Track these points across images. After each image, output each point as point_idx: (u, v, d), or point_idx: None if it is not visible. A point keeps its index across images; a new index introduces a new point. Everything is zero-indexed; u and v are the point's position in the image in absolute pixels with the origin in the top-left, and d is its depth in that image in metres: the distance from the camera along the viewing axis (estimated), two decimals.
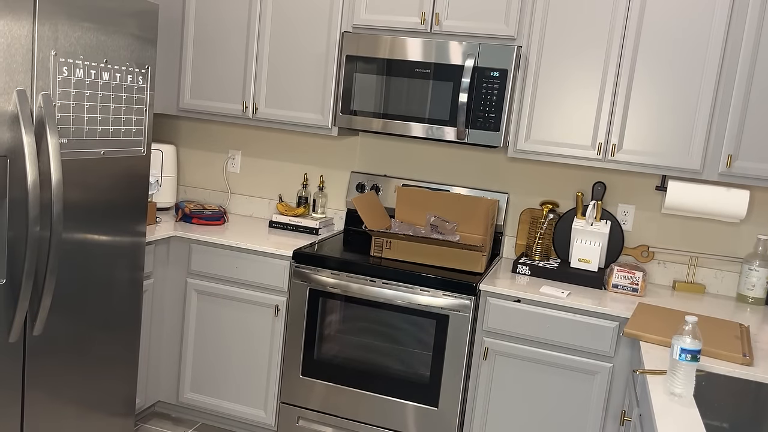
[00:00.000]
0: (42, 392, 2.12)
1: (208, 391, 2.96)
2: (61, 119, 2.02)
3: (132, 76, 2.27)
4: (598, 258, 2.74)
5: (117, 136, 2.25)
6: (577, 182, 2.94)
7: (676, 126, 2.50)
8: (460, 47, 2.60)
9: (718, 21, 2.41)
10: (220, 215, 3.14)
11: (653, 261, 2.87)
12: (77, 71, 2.05)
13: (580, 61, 2.57)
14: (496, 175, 3.04)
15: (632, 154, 2.56)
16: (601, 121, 2.58)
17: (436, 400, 2.58)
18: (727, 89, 2.44)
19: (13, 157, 1.88)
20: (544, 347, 2.47)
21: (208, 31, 3.03)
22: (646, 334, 2.07)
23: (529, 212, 2.98)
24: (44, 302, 2.01)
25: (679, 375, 1.62)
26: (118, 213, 2.32)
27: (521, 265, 2.74)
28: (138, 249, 2.45)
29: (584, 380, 2.44)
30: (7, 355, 1.97)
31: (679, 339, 1.61)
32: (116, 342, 2.42)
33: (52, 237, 1.98)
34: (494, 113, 2.59)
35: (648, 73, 2.51)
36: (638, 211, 2.88)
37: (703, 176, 2.51)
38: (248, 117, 3.02)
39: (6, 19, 1.80)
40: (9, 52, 1.83)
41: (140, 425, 2.99)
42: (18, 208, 1.91)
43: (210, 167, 3.47)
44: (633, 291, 2.60)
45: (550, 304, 2.44)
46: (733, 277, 2.78)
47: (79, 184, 2.13)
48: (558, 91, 2.62)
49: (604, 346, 2.40)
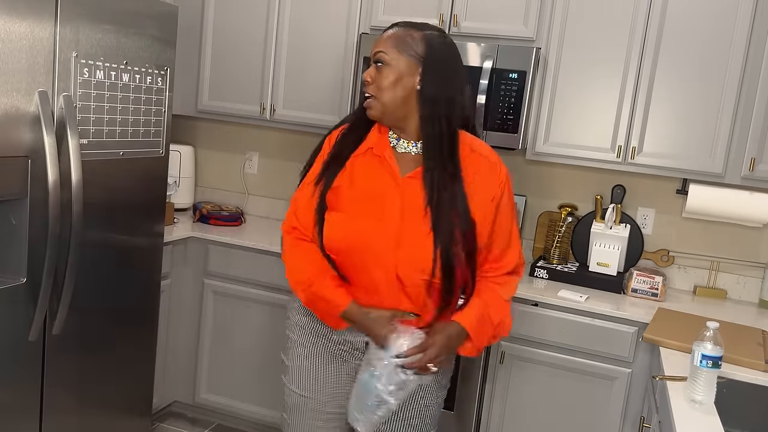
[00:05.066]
0: (60, 390, 2.14)
1: (225, 392, 2.97)
2: (82, 120, 2.04)
3: (151, 78, 2.29)
4: (617, 262, 2.71)
5: (136, 137, 2.27)
6: (597, 185, 2.91)
7: (697, 128, 2.47)
8: (479, 48, 2.59)
9: (742, 20, 2.37)
10: (238, 216, 3.15)
11: (673, 265, 2.83)
12: (98, 73, 2.07)
13: (600, 62, 2.55)
14: (514, 177, 3.02)
15: (653, 157, 2.53)
16: (621, 123, 2.55)
17: (451, 403, 2.57)
18: (751, 91, 2.40)
19: (34, 157, 1.90)
20: (561, 352, 2.45)
21: (226, 32, 3.05)
22: (666, 339, 2.04)
23: (548, 215, 2.95)
24: (63, 301, 2.04)
25: (699, 382, 1.59)
26: (136, 213, 2.34)
27: (539, 268, 2.71)
28: (156, 249, 2.47)
29: (602, 386, 2.41)
30: (26, 353, 2.00)
31: (700, 345, 1.59)
32: (134, 342, 2.44)
33: (72, 237, 2.00)
34: (512, 115, 2.58)
35: (669, 74, 2.48)
36: (658, 215, 2.85)
37: (725, 180, 2.47)
38: (266, 118, 3.03)
39: (28, 21, 1.82)
40: (31, 53, 1.85)
41: (157, 425, 3.01)
42: (39, 208, 1.93)
43: (227, 168, 3.49)
44: (653, 296, 2.57)
45: (568, 308, 2.42)
46: (755, 282, 2.74)
47: (98, 185, 2.15)
48: (577, 93, 2.59)
49: (622, 352, 2.37)
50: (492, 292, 1.66)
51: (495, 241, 1.65)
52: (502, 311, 1.67)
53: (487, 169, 1.61)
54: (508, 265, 1.69)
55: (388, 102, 1.57)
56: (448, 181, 1.55)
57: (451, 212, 1.55)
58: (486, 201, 1.60)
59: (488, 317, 1.65)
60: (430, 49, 1.54)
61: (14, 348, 1.95)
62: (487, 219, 1.61)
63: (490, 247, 1.65)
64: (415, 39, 1.55)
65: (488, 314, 1.64)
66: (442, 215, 1.54)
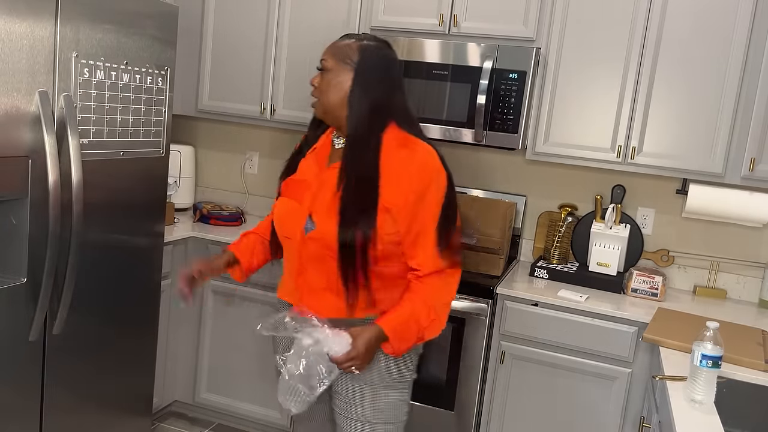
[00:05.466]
0: (61, 390, 2.15)
1: (224, 392, 2.97)
2: (82, 120, 2.05)
3: (151, 78, 2.29)
4: (617, 262, 2.71)
5: (136, 137, 2.27)
6: (596, 185, 2.92)
7: (697, 129, 2.47)
8: (479, 49, 2.59)
9: (742, 20, 2.37)
10: (238, 216, 3.15)
11: (673, 265, 2.83)
12: (98, 73, 2.07)
13: (600, 62, 2.55)
14: (514, 177, 3.02)
15: (652, 157, 2.53)
16: (621, 123, 2.55)
17: (451, 403, 2.57)
18: (750, 91, 2.40)
19: (34, 157, 1.90)
20: (561, 352, 2.45)
21: (226, 32, 3.05)
22: (666, 339, 2.05)
23: (548, 215, 2.96)
24: (64, 301, 2.04)
25: (699, 381, 1.59)
26: (136, 213, 2.34)
27: (539, 268, 2.71)
28: (156, 249, 2.47)
29: (602, 385, 2.42)
30: (27, 353, 2.00)
31: (700, 345, 1.59)
32: (134, 342, 2.44)
33: (72, 237, 2.00)
34: (513, 115, 2.58)
35: (669, 74, 2.48)
36: (658, 215, 2.85)
37: (725, 180, 2.48)
38: (266, 118, 3.04)
39: (29, 21, 1.82)
40: (31, 53, 1.85)
41: (157, 424, 3.01)
42: (39, 208, 1.93)
43: (228, 168, 3.49)
44: (652, 296, 2.57)
45: (568, 308, 2.42)
46: (755, 282, 2.74)
47: (98, 185, 2.15)
48: (577, 93, 2.60)
49: (622, 351, 2.37)
50: (423, 293, 1.70)
51: (416, 237, 1.68)
52: (433, 313, 1.70)
53: (412, 165, 1.67)
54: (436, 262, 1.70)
55: (326, 104, 1.74)
56: (361, 171, 1.67)
57: (358, 199, 1.65)
58: (406, 194, 1.65)
59: (415, 320, 1.69)
60: (362, 57, 1.70)
61: (14, 348, 1.95)
62: (405, 211, 1.65)
63: (412, 243, 1.69)
64: (352, 48, 1.72)
65: (416, 317, 1.69)
66: (348, 201, 1.66)
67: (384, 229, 1.65)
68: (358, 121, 1.69)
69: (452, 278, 1.74)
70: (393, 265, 1.71)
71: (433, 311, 1.70)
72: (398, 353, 1.72)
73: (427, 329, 1.71)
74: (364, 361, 1.66)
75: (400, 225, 1.66)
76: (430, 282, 1.70)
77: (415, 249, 1.68)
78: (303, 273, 1.76)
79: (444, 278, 1.72)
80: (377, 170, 1.66)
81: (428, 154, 1.70)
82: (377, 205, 1.65)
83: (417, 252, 1.69)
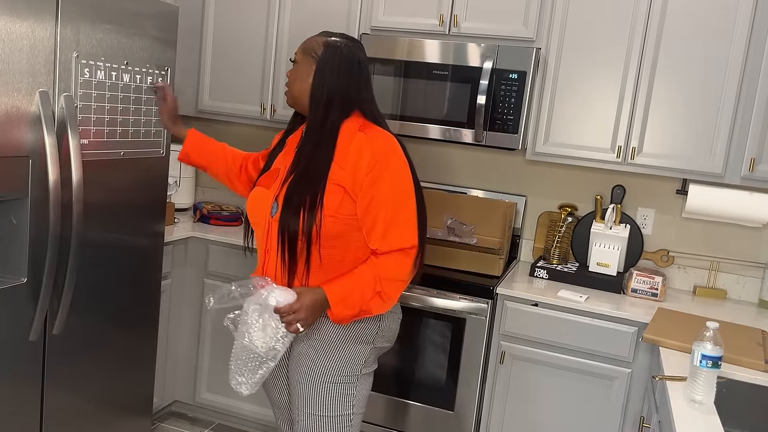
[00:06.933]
0: (61, 390, 2.15)
1: (225, 392, 2.97)
2: (82, 120, 2.05)
3: (152, 78, 2.29)
4: (617, 262, 2.71)
5: (137, 138, 2.27)
6: (596, 185, 2.92)
7: (697, 129, 2.47)
8: (479, 49, 2.59)
9: (742, 20, 2.37)
10: (238, 216, 3.15)
11: (673, 265, 2.84)
12: (98, 73, 2.08)
13: (600, 62, 2.55)
14: (514, 177, 3.03)
15: (652, 157, 2.53)
16: (621, 123, 2.55)
17: (451, 403, 2.57)
18: (750, 91, 2.40)
19: (35, 157, 1.90)
20: (561, 352, 2.45)
21: (226, 32, 3.05)
22: (666, 339, 2.05)
23: (548, 215, 2.96)
24: (64, 301, 2.04)
25: (699, 382, 1.59)
26: (137, 213, 2.34)
27: (539, 268, 2.72)
28: (156, 249, 2.47)
29: (602, 386, 2.42)
30: (27, 353, 2.00)
31: (699, 345, 1.59)
32: (134, 342, 2.44)
33: (73, 237, 2.00)
34: (513, 115, 2.58)
35: (669, 74, 2.48)
36: (658, 215, 2.85)
37: (724, 180, 2.48)
38: (266, 118, 3.04)
39: (29, 22, 1.83)
40: (32, 53, 1.85)
41: (157, 424, 3.01)
42: (39, 208, 1.93)
43: None
44: (652, 296, 2.57)
45: (568, 308, 2.42)
46: (755, 282, 2.74)
47: (99, 185, 2.15)
48: (577, 93, 2.60)
49: (622, 352, 2.37)
50: (374, 266, 1.77)
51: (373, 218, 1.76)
52: (379, 285, 1.76)
53: (367, 147, 1.76)
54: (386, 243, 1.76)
55: (295, 94, 1.87)
56: (313, 153, 1.77)
57: (306, 179, 1.76)
58: (357, 173, 1.74)
59: (360, 289, 1.75)
60: (325, 51, 1.82)
61: (14, 348, 1.95)
62: (362, 192, 1.74)
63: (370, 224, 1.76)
64: (318, 43, 1.84)
65: (361, 287, 1.75)
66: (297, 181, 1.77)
67: (344, 209, 1.74)
68: (316, 108, 1.80)
69: (407, 258, 1.79)
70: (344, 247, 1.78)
71: (379, 284, 1.76)
72: (339, 319, 1.77)
73: (372, 301, 1.77)
74: (308, 316, 1.73)
75: (358, 207, 1.75)
76: (384, 258, 1.77)
77: (373, 231, 1.76)
78: (269, 254, 1.83)
79: (398, 257, 1.78)
80: (329, 153, 1.76)
81: (384, 139, 1.80)
82: (325, 184, 1.74)
83: (374, 233, 1.76)
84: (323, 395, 1.83)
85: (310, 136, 1.81)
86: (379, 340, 1.89)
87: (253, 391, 1.76)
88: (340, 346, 1.82)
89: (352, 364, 1.84)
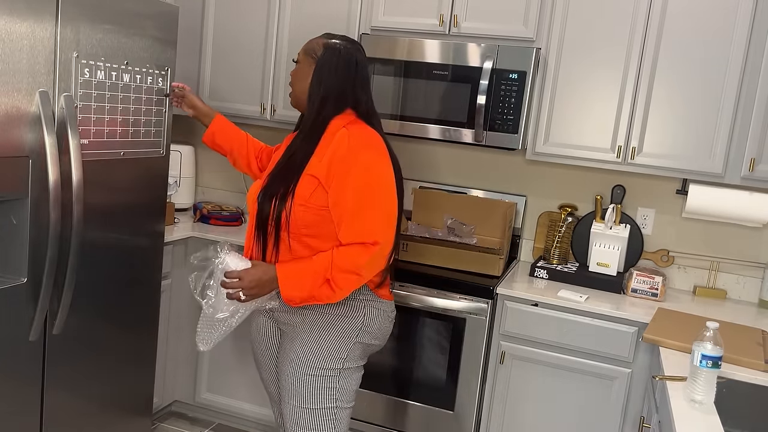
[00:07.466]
0: (61, 390, 2.15)
1: (225, 392, 2.97)
2: (82, 120, 2.05)
3: (152, 78, 2.29)
4: (617, 262, 2.71)
5: (137, 137, 2.27)
6: (596, 185, 2.92)
7: (697, 129, 2.47)
8: (479, 49, 2.59)
9: (742, 20, 2.37)
10: (238, 216, 3.15)
11: (673, 265, 2.84)
12: (98, 73, 2.08)
13: (600, 62, 2.55)
14: (514, 177, 3.03)
15: (652, 157, 2.53)
16: (621, 123, 2.55)
17: (451, 403, 2.57)
18: (750, 91, 2.40)
19: (35, 157, 1.90)
20: (561, 352, 2.45)
21: (226, 32, 3.05)
22: (666, 339, 2.05)
23: (548, 215, 2.96)
24: (64, 301, 2.04)
25: (699, 382, 1.59)
26: (137, 213, 2.34)
27: (539, 268, 2.72)
28: (156, 249, 2.47)
29: (602, 386, 2.42)
30: (27, 353, 2.00)
31: (699, 345, 1.59)
32: (134, 342, 2.44)
33: (73, 237, 2.00)
34: (513, 115, 2.58)
35: (669, 74, 2.48)
36: (658, 215, 2.85)
37: (724, 180, 2.48)
38: (266, 118, 3.04)
39: (29, 22, 1.83)
40: (32, 53, 1.85)
41: (157, 424, 3.01)
42: (39, 208, 1.93)
43: (228, 168, 3.49)
44: (652, 296, 2.57)
45: (568, 308, 2.42)
46: (755, 282, 2.74)
47: (99, 185, 2.15)
48: (577, 93, 2.60)
49: (622, 352, 2.37)
50: (333, 255, 1.80)
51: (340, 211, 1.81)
52: (329, 273, 1.79)
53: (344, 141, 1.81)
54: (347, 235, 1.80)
55: (297, 93, 1.96)
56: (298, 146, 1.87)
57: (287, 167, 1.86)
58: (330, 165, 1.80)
59: (311, 273, 1.79)
60: (324, 52, 1.89)
61: (14, 348, 1.95)
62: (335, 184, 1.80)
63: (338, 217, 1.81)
64: (318, 44, 1.91)
65: (312, 271, 1.79)
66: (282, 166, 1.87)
67: (315, 200, 1.80)
68: (312, 106, 1.88)
69: (367, 252, 1.80)
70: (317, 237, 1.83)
71: (330, 272, 1.78)
72: (288, 298, 1.81)
73: (321, 288, 1.79)
74: (253, 287, 1.80)
75: (329, 199, 1.80)
76: (343, 249, 1.80)
77: (340, 223, 1.80)
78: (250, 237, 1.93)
79: (357, 249, 1.80)
80: (312, 146, 1.84)
81: (364, 135, 1.84)
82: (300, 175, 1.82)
83: (341, 226, 1.80)
84: (304, 388, 1.87)
85: (302, 131, 1.89)
86: (364, 337, 1.91)
87: (208, 348, 1.93)
88: (320, 340, 1.87)
89: (331, 358, 1.87)
